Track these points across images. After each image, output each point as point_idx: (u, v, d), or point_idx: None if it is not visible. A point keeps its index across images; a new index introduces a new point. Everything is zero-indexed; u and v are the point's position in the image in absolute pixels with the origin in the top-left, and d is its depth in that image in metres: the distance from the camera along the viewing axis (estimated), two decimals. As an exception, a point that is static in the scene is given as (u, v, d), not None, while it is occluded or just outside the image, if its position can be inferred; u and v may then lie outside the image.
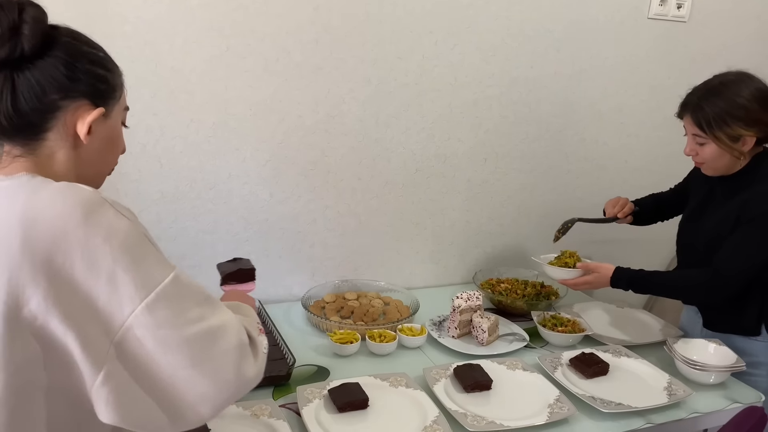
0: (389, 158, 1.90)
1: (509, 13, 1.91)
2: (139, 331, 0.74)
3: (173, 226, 1.71)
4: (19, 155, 0.83)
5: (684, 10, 2.13)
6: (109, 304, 0.73)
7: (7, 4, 0.80)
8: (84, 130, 0.84)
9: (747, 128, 1.47)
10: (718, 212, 1.58)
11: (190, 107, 1.64)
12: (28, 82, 0.80)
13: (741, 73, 1.53)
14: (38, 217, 0.72)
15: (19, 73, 0.80)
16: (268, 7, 1.64)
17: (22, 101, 0.80)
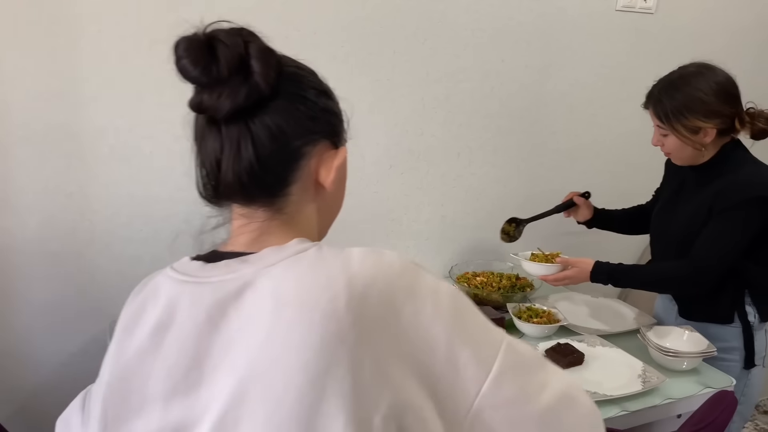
0: (363, 155, 1.89)
1: (479, 6, 1.91)
2: (487, 414, 0.64)
3: (144, 229, 1.68)
4: (264, 219, 0.71)
5: (651, 2, 2.15)
6: (453, 388, 0.63)
7: (228, 36, 0.67)
8: (331, 176, 0.74)
9: (705, 120, 1.49)
10: (691, 202, 1.60)
11: (158, 108, 1.62)
12: (267, 130, 0.67)
13: (701, 65, 1.55)
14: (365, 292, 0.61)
15: (255, 119, 0.67)
16: (236, 3, 1.62)
17: (264, 153, 0.67)
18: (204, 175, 0.70)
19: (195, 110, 0.69)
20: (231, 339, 0.64)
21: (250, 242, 0.71)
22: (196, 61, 0.66)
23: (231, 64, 0.65)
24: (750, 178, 1.53)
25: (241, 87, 0.65)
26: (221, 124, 0.67)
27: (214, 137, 0.68)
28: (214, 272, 0.67)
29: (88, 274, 1.66)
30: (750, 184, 1.51)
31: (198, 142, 0.71)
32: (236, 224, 0.72)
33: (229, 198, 0.71)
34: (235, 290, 0.65)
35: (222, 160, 0.67)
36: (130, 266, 1.69)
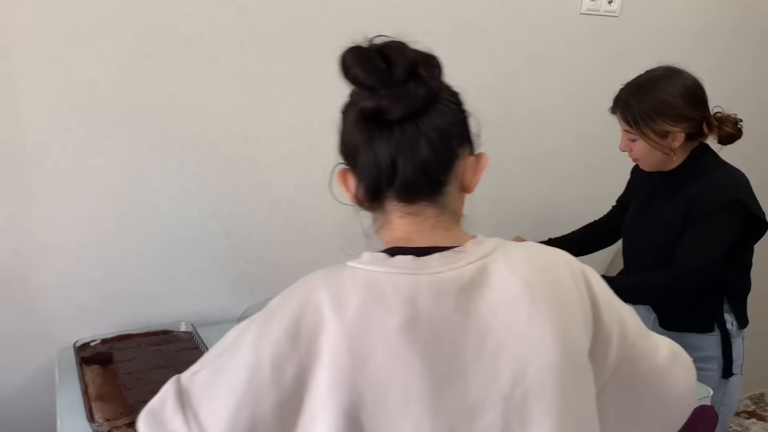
0: (326, 166, 1.79)
1: (442, 11, 1.86)
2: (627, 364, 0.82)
3: (94, 249, 1.58)
4: (435, 215, 0.78)
5: (615, 4, 2.13)
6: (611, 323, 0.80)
7: (397, 46, 0.75)
8: (477, 179, 0.82)
9: (674, 124, 1.47)
10: (664, 209, 1.57)
11: (106, 121, 1.53)
12: (435, 130, 0.74)
13: (669, 69, 1.53)
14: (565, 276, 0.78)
15: (423, 120, 0.74)
16: (189, 10, 1.54)
17: (433, 152, 0.74)
18: (373, 175, 0.75)
19: (371, 113, 0.73)
20: (485, 323, 0.70)
21: (443, 237, 0.77)
22: (371, 68, 0.73)
23: (406, 69, 0.73)
24: (725, 180, 1.51)
25: (418, 90, 0.73)
26: (393, 126, 0.73)
27: (387, 138, 0.73)
28: (439, 263, 0.73)
29: (33, 299, 1.55)
30: (726, 187, 1.49)
31: (359, 146, 0.75)
32: (403, 222, 0.78)
33: (402, 195, 0.76)
34: (471, 278, 0.72)
35: (398, 158, 0.73)
36: (81, 288, 1.59)
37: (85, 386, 1.40)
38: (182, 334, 1.63)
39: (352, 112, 0.76)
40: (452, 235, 0.78)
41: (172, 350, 1.54)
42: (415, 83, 0.73)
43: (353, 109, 0.76)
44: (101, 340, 1.57)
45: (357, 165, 0.77)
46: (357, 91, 0.76)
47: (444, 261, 0.73)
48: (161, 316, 1.70)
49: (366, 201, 0.79)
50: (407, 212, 0.77)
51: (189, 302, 1.72)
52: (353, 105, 0.77)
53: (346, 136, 0.78)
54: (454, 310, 0.70)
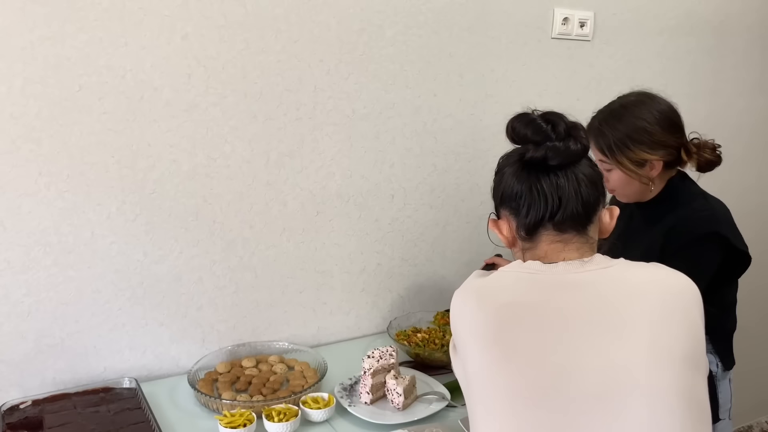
0: (285, 201, 1.69)
1: (406, 37, 1.76)
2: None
3: (25, 300, 1.43)
4: (581, 243, 1.01)
5: (587, 28, 2.05)
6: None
7: (555, 114, 1.02)
8: (613, 224, 1.06)
9: (651, 152, 1.38)
10: (642, 241, 1.47)
11: (36, 159, 1.39)
12: (586, 177, 1.00)
13: (642, 94, 1.45)
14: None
15: (576, 169, 0.99)
16: (126, 39, 1.42)
17: (588, 193, 0.99)
18: (540, 210, 0.99)
19: (539, 160, 0.98)
20: (595, 308, 0.93)
21: (577, 256, 1.00)
22: (538, 128, 0.99)
23: (565, 129, 0.99)
24: (702, 212, 1.42)
25: (575, 145, 0.99)
26: (557, 171, 0.98)
27: (552, 180, 0.98)
28: (564, 269, 0.98)
29: (-45, 359, 1.39)
30: (703, 219, 1.40)
31: (524, 190, 1.00)
32: (551, 247, 1.01)
33: (559, 226, 1.00)
34: (592, 277, 0.96)
35: (563, 196, 0.98)
36: (10, 344, 1.44)
37: (7, 459, 1.24)
38: (124, 391, 1.48)
39: (514, 165, 1.02)
40: (584, 255, 1.00)
41: (112, 411, 1.38)
42: (572, 140, 0.98)
43: (515, 163, 1.02)
44: (32, 401, 1.41)
45: (521, 205, 1.00)
46: (519, 149, 1.03)
47: (568, 268, 0.97)
48: (103, 370, 1.54)
49: (525, 234, 1.02)
50: (557, 239, 1.00)
51: (134, 354, 1.57)
52: (515, 161, 1.02)
53: (508, 185, 1.02)
54: (567, 296, 0.94)
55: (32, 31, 1.33)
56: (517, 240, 1.04)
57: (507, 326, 0.92)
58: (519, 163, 1.01)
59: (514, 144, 1.04)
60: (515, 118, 1.03)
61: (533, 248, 1.02)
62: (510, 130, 1.03)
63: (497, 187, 1.05)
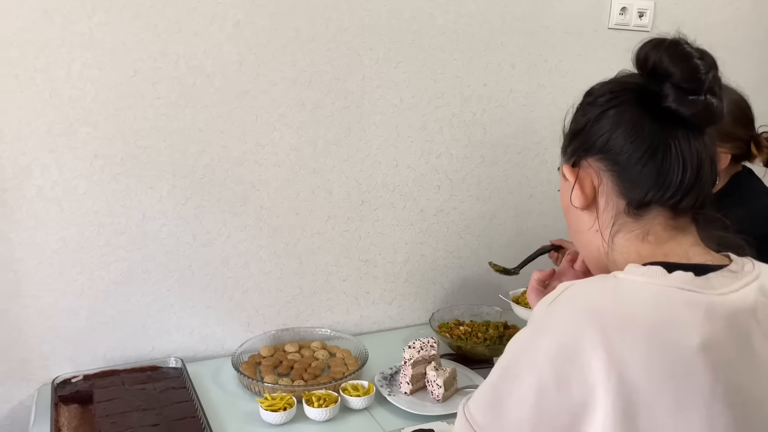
0: (331, 190, 1.70)
1: (457, 26, 1.73)
2: None
3: (79, 278, 1.48)
4: (692, 231, 0.77)
5: (646, 18, 1.98)
6: None
7: (711, 56, 0.76)
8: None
9: (720, 144, 1.32)
10: None
11: (93, 141, 1.43)
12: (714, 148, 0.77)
13: None
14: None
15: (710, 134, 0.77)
16: (180, 25, 1.44)
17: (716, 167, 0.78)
18: (675, 180, 0.73)
19: (683, 116, 0.73)
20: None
21: (703, 254, 0.75)
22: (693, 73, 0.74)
23: (715, 83, 0.75)
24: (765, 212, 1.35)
25: (719, 105, 0.74)
26: (693, 133, 0.74)
27: (690, 145, 0.74)
28: (720, 284, 0.70)
29: (13, 332, 1.45)
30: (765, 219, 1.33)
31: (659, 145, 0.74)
32: (667, 235, 0.75)
33: (683, 207, 0.74)
34: (755, 300, 0.70)
35: (704, 167, 0.74)
36: (64, 320, 1.49)
37: (58, 429, 1.28)
38: (171, 370, 1.52)
39: (635, 108, 0.75)
40: (708, 253, 0.76)
41: (157, 389, 1.42)
42: (718, 100, 0.74)
43: (636, 104, 0.75)
44: (83, 376, 1.46)
45: (636, 165, 0.74)
46: (654, 86, 0.74)
47: (724, 282, 0.70)
48: (151, 349, 1.59)
49: (634, 208, 0.75)
50: (673, 225, 0.75)
51: (181, 335, 1.61)
52: (626, 100, 0.76)
53: (618, 131, 0.75)
54: (747, 334, 0.68)
55: (91, 17, 1.37)
56: (603, 210, 0.77)
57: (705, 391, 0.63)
58: (643, 107, 0.74)
59: (641, 74, 0.78)
60: (664, 47, 0.75)
61: (648, 234, 0.75)
62: (654, 64, 0.75)
63: (594, 126, 0.77)
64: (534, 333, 0.68)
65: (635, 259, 0.74)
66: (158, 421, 1.29)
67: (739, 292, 0.69)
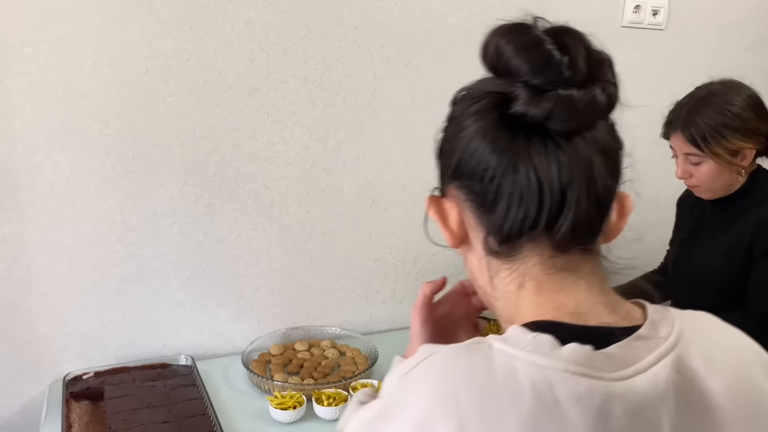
0: (341, 188, 1.69)
1: (469, 24, 1.72)
2: None
3: (90, 276, 1.49)
4: (593, 272, 0.59)
5: (660, 17, 1.96)
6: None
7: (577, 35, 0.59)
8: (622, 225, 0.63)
9: (745, 140, 1.30)
10: (718, 239, 1.39)
11: (105, 139, 1.43)
12: (605, 154, 0.57)
13: (728, 81, 1.37)
14: None
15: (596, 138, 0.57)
16: (192, 23, 1.45)
17: (608, 181, 0.57)
18: (531, 209, 0.54)
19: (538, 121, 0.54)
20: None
21: (604, 306, 0.57)
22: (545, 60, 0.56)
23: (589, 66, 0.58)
24: None
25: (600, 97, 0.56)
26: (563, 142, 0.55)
27: (556, 159, 0.54)
28: (623, 361, 0.52)
29: (25, 328, 1.46)
30: None
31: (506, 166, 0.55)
32: (552, 281, 0.57)
33: (563, 241, 0.55)
34: (669, 384, 0.52)
35: (570, 187, 0.54)
36: (76, 317, 1.50)
37: (69, 426, 1.29)
38: (181, 368, 1.52)
39: (487, 117, 0.56)
40: (612, 302, 0.57)
41: (168, 387, 1.42)
42: (596, 88, 0.55)
43: (489, 112, 0.56)
44: (94, 373, 1.46)
45: (491, 192, 0.55)
46: (498, 89, 0.56)
47: (630, 356, 0.52)
48: (162, 347, 1.59)
49: (499, 243, 0.57)
50: (558, 266, 0.56)
51: (191, 332, 1.61)
52: (486, 109, 0.56)
53: (474, 151, 0.56)
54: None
55: (103, 14, 1.37)
56: (478, 248, 0.60)
57: None
58: (496, 115, 0.55)
59: (493, 74, 0.58)
60: (505, 32, 0.58)
61: (529, 282, 0.57)
62: (494, 54, 0.57)
63: (450, 146, 0.61)
64: (380, 415, 0.52)
65: (516, 315, 0.58)
66: (168, 419, 1.29)
67: (647, 372, 0.52)
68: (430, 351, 0.53)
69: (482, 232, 0.58)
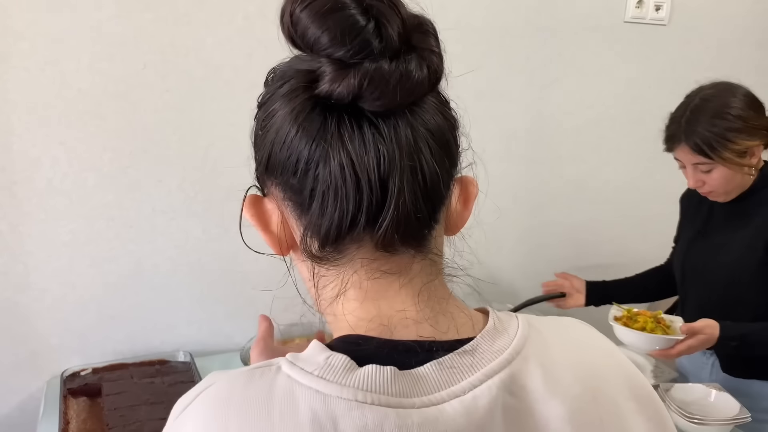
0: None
1: (470, 19, 1.71)
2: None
3: (88, 272, 1.48)
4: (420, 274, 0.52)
5: (663, 12, 1.95)
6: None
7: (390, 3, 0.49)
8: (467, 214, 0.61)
9: (751, 138, 1.29)
10: (729, 238, 1.37)
11: (102, 134, 1.43)
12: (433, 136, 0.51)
13: (719, 84, 1.35)
14: None
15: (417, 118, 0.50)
16: (190, 18, 1.44)
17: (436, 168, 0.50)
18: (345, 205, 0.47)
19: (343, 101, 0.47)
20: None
21: (435, 315, 0.50)
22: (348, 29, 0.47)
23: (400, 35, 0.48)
24: None
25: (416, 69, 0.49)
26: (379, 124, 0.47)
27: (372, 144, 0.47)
28: (437, 383, 0.46)
29: (23, 324, 1.45)
30: None
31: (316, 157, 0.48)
32: (376, 287, 0.50)
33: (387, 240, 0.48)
34: (490, 410, 0.45)
35: (390, 177, 0.47)
36: (74, 313, 1.49)
37: (67, 422, 1.28)
38: (179, 364, 1.51)
39: (295, 100, 0.48)
40: (442, 310, 0.51)
41: (166, 383, 1.41)
42: (415, 58, 0.48)
43: (297, 95, 0.48)
44: (92, 369, 1.46)
45: (306, 189, 0.48)
46: (304, 67, 0.48)
47: (445, 376, 0.46)
48: (160, 343, 1.58)
49: (320, 246, 0.49)
50: (384, 270, 0.50)
51: (190, 329, 1.60)
52: (296, 93, 0.48)
53: (281, 140, 0.49)
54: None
55: (100, 9, 1.36)
56: (300, 253, 0.53)
57: None
58: (306, 97, 0.48)
59: (296, 49, 0.50)
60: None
61: (349, 290, 0.51)
62: (289, 23, 0.48)
63: (261, 137, 0.53)
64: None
65: (338, 330, 0.52)
66: (166, 415, 1.27)
67: (465, 396, 0.45)
68: (208, 383, 0.49)
69: (304, 233, 0.50)
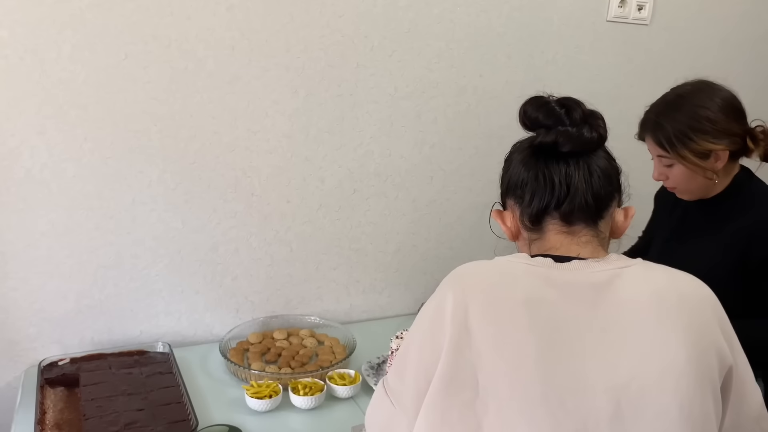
0: (322, 178, 1.69)
1: (454, 15, 1.72)
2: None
3: (67, 262, 1.48)
4: (590, 236, 0.91)
5: (645, 12, 1.97)
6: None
7: (574, 100, 0.94)
8: (627, 225, 0.96)
9: (715, 141, 1.29)
10: (706, 240, 1.38)
11: (83, 124, 1.42)
12: (600, 170, 0.91)
13: (700, 82, 1.36)
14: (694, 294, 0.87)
15: (590, 159, 0.91)
16: (172, 8, 1.43)
17: (600, 185, 0.90)
18: (546, 197, 0.90)
19: (548, 145, 0.90)
20: (610, 317, 0.82)
21: (589, 252, 0.90)
22: (551, 111, 0.91)
23: (581, 115, 0.92)
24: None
25: (590, 133, 0.91)
26: (568, 158, 0.90)
27: (562, 168, 0.90)
28: (575, 266, 0.87)
29: (1, 313, 1.45)
30: None
31: (530, 177, 0.91)
32: (558, 237, 0.91)
33: (567, 216, 0.90)
34: (604, 279, 0.85)
35: (572, 184, 0.89)
36: (52, 303, 1.49)
37: (43, 412, 1.29)
38: (158, 355, 1.52)
39: (524, 151, 0.93)
40: (598, 252, 0.91)
41: (144, 374, 1.42)
42: (588, 128, 0.90)
43: (525, 149, 0.93)
44: (70, 359, 1.46)
45: (526, 193, 0.91)
46: (531, 136, 0.93)
47: (580, 265, 0.87)
48: (139, 333, 1.59)
49: (530, 222, 0.92)
50: (564, 231, 0.91)
51: (169, 320, 1.61)
52: (524, 147, 0.94)
53: (515, 172, 0.94)
54: (580, 301, 0.83)
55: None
56: (521, 231, 0.96)
57: (520, 328, 0.80)
58: (529, 149, 0.93)
59: (527, 131, 0.95)
60: (528, 101, 0.95)
61: (539, 239, 0.93)
62: (522, 114, 0.95)
63: (504, 175, 0.98)
64: (426, 303, 0.89)
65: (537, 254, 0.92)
66: (143, 406, 1.29)
67: (588, 271, 0.86)
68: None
69: (523, 216, 0.93)
